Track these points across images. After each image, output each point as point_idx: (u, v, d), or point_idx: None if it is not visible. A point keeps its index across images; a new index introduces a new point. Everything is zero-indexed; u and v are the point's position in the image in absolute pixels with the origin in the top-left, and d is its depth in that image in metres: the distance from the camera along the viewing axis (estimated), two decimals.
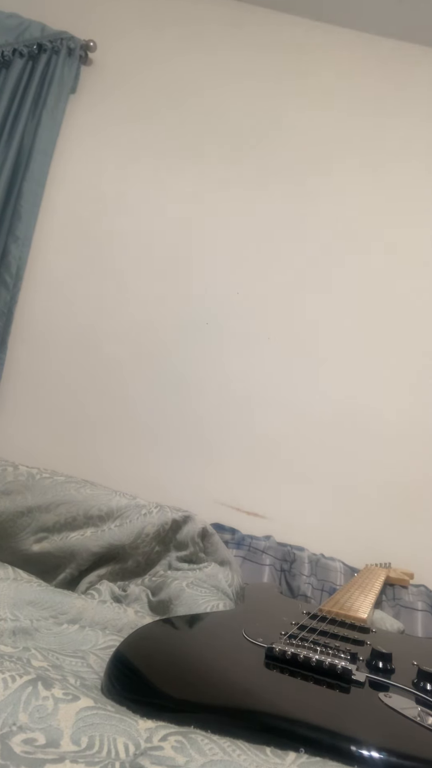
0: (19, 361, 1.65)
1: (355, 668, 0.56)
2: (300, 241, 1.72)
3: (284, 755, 0.41)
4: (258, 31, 1.86)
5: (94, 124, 1.80)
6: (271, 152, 1.78)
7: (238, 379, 1.64)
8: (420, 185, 1.75)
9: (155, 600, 0.96)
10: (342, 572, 1.35)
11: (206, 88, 1.83)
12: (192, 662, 0.58)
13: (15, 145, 1.66)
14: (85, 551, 1.01)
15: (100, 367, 1.66)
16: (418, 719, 0.49)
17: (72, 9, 1.86)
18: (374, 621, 1.01)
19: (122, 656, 0.56)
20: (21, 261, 1.64)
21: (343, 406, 1.61)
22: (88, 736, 0.40)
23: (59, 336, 1.67)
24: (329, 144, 1.78)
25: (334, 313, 1.68)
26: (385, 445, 1.59)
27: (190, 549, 1.12)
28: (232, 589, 1.02)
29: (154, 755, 0.40)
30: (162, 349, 1.67)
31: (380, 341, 1.66)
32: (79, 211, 1.75)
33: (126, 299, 1.69)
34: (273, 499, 1.55)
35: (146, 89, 1.82)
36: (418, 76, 1.83)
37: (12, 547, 1.02)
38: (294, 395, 1.63)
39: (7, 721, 0.41)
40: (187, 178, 1.76)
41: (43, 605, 0.77)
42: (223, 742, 0.42)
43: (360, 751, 0.43)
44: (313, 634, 0.69)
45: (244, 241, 1.73)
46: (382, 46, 1.84)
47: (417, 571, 1.39)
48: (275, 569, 1.31)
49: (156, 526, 1.07)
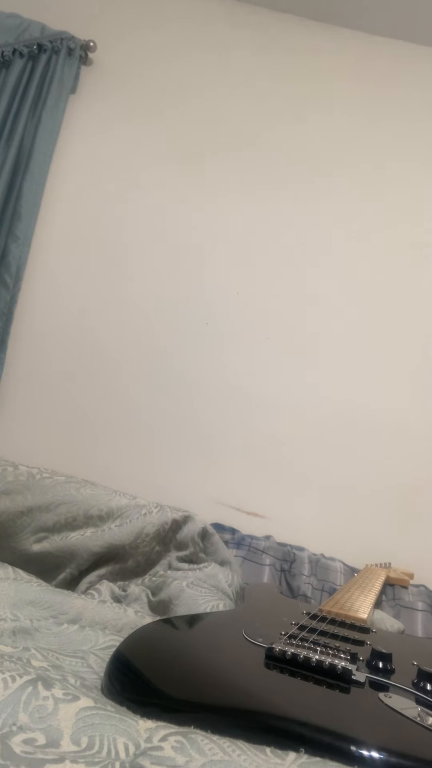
0: (19, 361, 1.65)
1: (355, 668, 0.56)
2: (300, 241, 1.72)
3: (284, 755, 0.41)
4: (258, 31, 1.86)
5: (94, 124, 1.80)
6: (271, 153, 1.78)
7: (238, 379, 1.64)
8: (420, 185, 1.75)
9: (155, 600, 0.96)
10: (342, 572, 1.35)
11: (206, 88, 1.83)
12: (192, 662, 0.58)
13: (15, 145, 1.66)
14: (85, 551, 1.01)
15: (100, 367, 1.66)
16: (418, 719, 0.49)
17: (72, 9, 1.86)
18: (374, 621, 1.01)
19: (122, 656, 0.56)
20: (21, 261, 1.64)
21: (343, 405, 1.61)
22: (88, 736, 0.41)
23: (59, 336, 1.67)
24: (330, 144, 1.78)
25: (334, 313, 1.68)
26: (386, 445, 1.59)
27: (190, 549, 1.12)
28: (232, 589, 1.02)
29: (154, 755, 0.40)
30: (162, 349, 1.67)
31: (380, 341, 1.66)
32: (79, 211, 1.75)
33: (126, 299, 1.69)
34: (273, 499, 1.55)
35: (146, 89, 1.82)
36: (418, 76, 1.83)
37: (12, 546, 1.02)
38: (294, 395, 1.63)
39: (7, 721, 0.41)
40: (187, 179, 1.76)
41: (43, 605, 0.77)
42: (223, 742, 0.42)
43: (360, 751, 0.43)
44: (313, 634, 0.69)
45: (244, 242, 1.73)
46: (383, 46, 1.84)
47: (417, 571, 1.39)
48: (275, 569, 1.31)
49: (156, 526, 1.07)
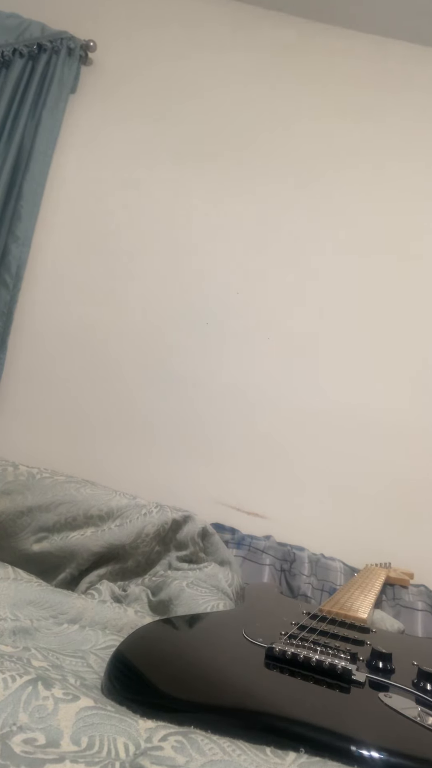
0: (19, 361, 1.65)
1: (355, 668, 0.56)
2: (300, 241, 1.72)
3: (284, 755, 0.41)
4: (259, 32, 1.86)
5: (94, 124, 1.80)
6: (272, 153, 1.78)
7: (239, 379, 1.64)
8: (420, 186, 1.75)
9: (155, 600, 0.96)
10: (342, 572, 1.35)
11: (206, 88, 1.83)
12: (192, 662, 0.58)
13: (15, 145, 1.66)
14: (85, 551, 1.01)
15: (100, 366, 1.66)
16: (418, 719, 0.49)
17: (72, 9, 1.86)
18: (374, 621, 1.01)
19: (122, 656, 0.57)
20: (21, 261, 1.64)
21: (343, 405, 1.61)
22: (88, 736, 0.41)
23: (59, 336, 1.67)
24: (331, 145, 1.78)
25: (335, 313, 1.68)
26: (386, 444, 1.59)
27: (190, 549, 1.12)
28: (232, 589, 1.02)
29: (154, 755, 0.40)
30: (162, 348, 1.67)
31: (381, 341, 1.66)
32: (79, 211, 1.75)
33: (126, 299, 1.69)
34: (273, 498, 1.55)
35: (146, 89, 1.82)
36: (419, 77, 1.83)
37: (12, 546, 1.02)
38: (294, 395, 1.63)
39: (7, 721, 0.41)
40: (188, 179, 1.76)
41: (43, 605, 0.77)
42: (223, 742, 0.42)
43: (360, 751, 0.43)
44: (313, 634, 0.69)
45: (245, 241, 1.73)
46: (383, 46, 1.84)
47: (417, 571, 1.39)
48: (275, 569, 1.31)
49: (156, 525, 1.07)
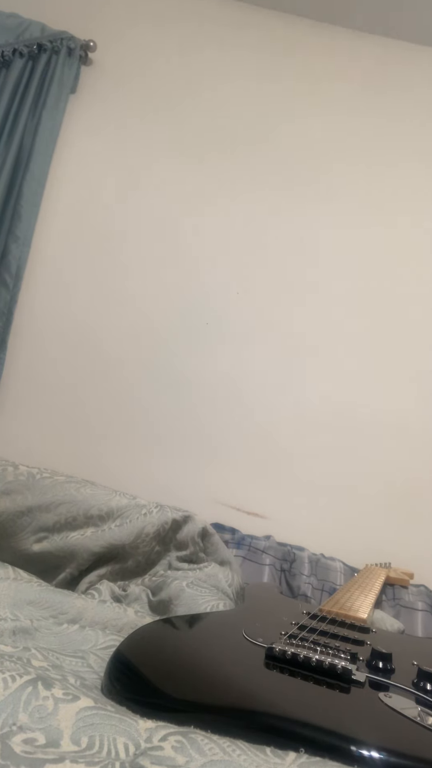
0: (19, 361, 1.65)
1: (355, 668, 0.56)
2: (300, 240, 1.72)
3: (284, 755, 0.41)
4: (258, 31, 1.86)
5: (94, 124, 1.80)
6: (272, 152, 1.78)
7: (239, 379, 1.64)
8: (419, 186, 1.75)
9: (155, 600, 0.96)
10: (342, 572, 1.35)
11: (206, 88, 1.83)
12: (192, 662, 0.58)
13: (15, 145, 1.66)
14: (85, 551, 1.01)
15: (100, 366, 1.66)
16: (418, 719, 0.49)
17: (72, 9, 1.86)
18: (374, 621, 1.01)
19: (122, 656, 0.57)
20: (21, 261, 1.64)
21: (343, 405, 1.61)
22: (88, 736, 0.41)
23: (59, 336, 1.67)
24: (330, 144, 1.78)
25: (335, 313, 1.68)
26: (386, 444, 1.59)
27: (190, 549, 1.12)
28: (232, 589, 1.02)
29: (154, 755, 0.40)
30: (162, 348, 1.67)
31: (380, 341, 1.66)
32: (79, 211, 1.75)
33: (126, 299, 1.69)
34: (273, 498, 1.55)
35: (146, 89, 1.82)
36: (422, 77, 1.82)
37: (12, 546, 1.02)
38: (294, 395, 1.63)
39: (7, 721, 0.41)
40: (188, 178, 1.76)
41: (43, 605, 0.77)
42: (223, 742, 0.42)
43: (360, 751, 0.43)
44: (313, 634, 0.69)
45: (245, 241, 1.73)
46: (385, 47, 1.84)
47: (417, 571, 1.39)
48: (275, 569, 1.31)
49: (156, 525, 1.07)
